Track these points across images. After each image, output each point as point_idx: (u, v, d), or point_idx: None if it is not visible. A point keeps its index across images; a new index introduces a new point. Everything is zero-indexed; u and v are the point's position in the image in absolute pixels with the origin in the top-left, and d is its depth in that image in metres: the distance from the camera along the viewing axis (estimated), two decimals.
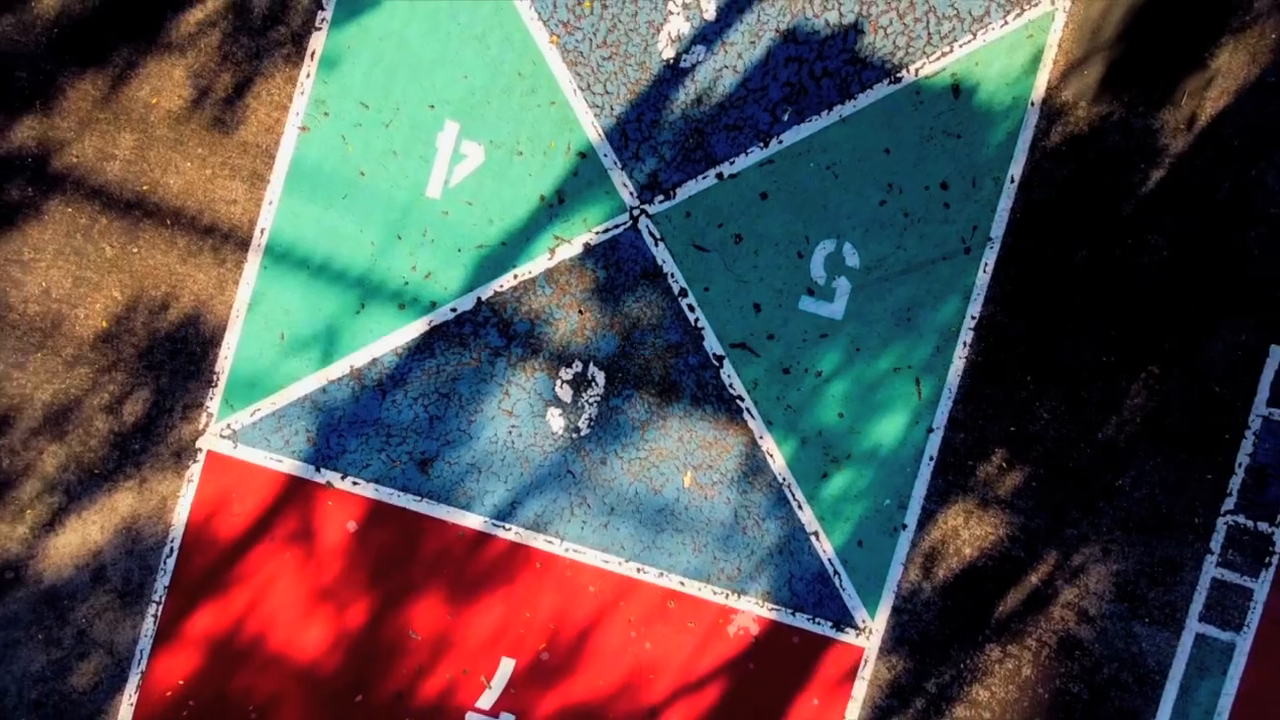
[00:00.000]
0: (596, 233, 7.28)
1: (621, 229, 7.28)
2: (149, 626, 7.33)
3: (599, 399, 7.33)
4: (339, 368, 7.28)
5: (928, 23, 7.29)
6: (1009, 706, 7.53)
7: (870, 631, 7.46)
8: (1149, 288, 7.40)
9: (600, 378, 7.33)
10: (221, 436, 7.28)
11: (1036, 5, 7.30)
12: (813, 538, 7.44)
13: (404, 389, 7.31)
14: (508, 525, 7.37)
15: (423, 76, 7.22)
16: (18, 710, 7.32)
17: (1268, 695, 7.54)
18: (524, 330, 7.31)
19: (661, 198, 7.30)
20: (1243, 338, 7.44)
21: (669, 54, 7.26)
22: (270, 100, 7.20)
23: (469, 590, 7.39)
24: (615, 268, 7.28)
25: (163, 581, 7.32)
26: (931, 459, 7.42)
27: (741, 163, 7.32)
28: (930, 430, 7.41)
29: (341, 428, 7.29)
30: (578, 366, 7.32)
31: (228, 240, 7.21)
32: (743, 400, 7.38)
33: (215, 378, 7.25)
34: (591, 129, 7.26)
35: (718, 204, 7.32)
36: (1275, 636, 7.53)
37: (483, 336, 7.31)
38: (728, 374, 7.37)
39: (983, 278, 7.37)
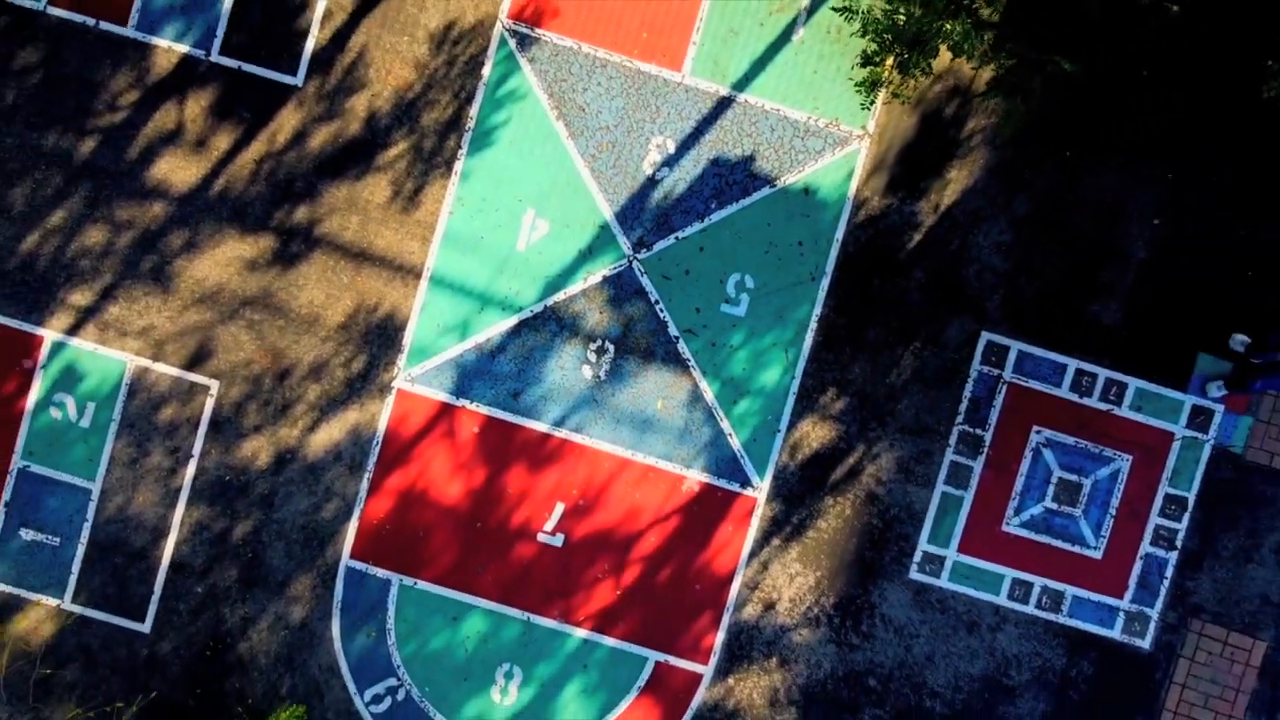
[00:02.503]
0: (609, 270, 13.48)
1: (623, 268, 13.48)
2: (364, 485, 13.53)
3: (611, 360, 13.51)
4: (470, 342, 13.47)
5: (790, 154, 13.48)
6: (837, 533, 13.69)
7: (761, 489, 13.64)
8: (914, 300, 13.57)
9: (611, 348, 13.51)
10: (406, 380, 13.48)
11: (849, 145, 13.49)
12: (729, 437, 13.61)
13: (504, 354, 13.50)
14: (561, 429, 13.56)
15: (514, 184, 13.41)
16: (292, 531, 13.52)
17: (984, 512, 13.69)
18: (570, 322, 13.50)
19: (645, 250, 13.49)
20: (965, 327, 13.61)
21: (649, 171, 13.46)
22: (433, 196, 13.40)
23: (539, 465, 13.58)
24: (619, 288, 13.48)
25: (373, 459, 13.52)
26: (794, 394, 13.59)
27: (689, 231, 13.50)
28: (793, 378, 13.58)
29: (470, 375, 13.49)
30: (599, 342, 13.50)
31: (409, 273, 13.42)
32: (690, 361, 13.56)
33: (403, 347, 13.46)
34: (606, 212, 13.44)
35: (676, 253, 13.51)
36: (984, 496, 13.68)
37: (547, 326, 13.50)
38: (682, 347, 13.54)
39: (822, 294, 13.55)
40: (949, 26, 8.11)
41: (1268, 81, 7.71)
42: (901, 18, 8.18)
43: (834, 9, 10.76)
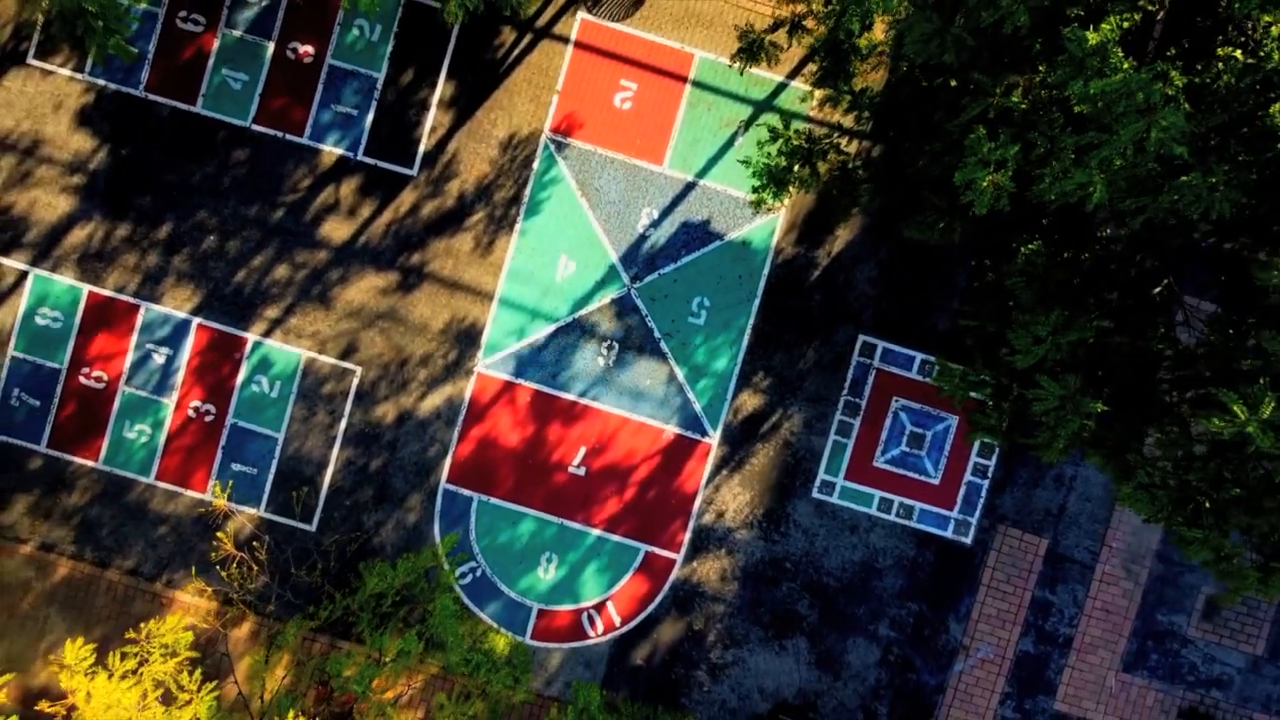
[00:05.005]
0: (615, 294, 21.02)
1: (624, 293, 21.02)
2: (455, 435, 21.06)
3: (616, 353, 21.04)
4: (525, 342, 21.01)
5: (733, 219, 21.04)
6: (764, 466, 21.19)
7: (714, 438, 21.16)
8: (815, 313, 21.08)
9: (616, 346, 21.03)
10: (483, 367, 21.03)
11: (772, 214, 21.00)
12: (693, 404, 21.13)
13: (547, 349, 21.04)
14: (584, 399, 21.10)
15: (554, 238, 20.95)
16: (408, 464, 21.04)
17: (861, 453, 21.19)
18: (590, 329, 21.04)
19: (639, 282, 21.03)
20: (848, 331, 21.13)
21: (641, 230, 20.99)
22: (501, 246, 20.95)
23: (569, 422, 21.11)
24: (621, 307, 21.03)
25: (461, 417, 21.05)
26: (736, 375, 21.11)
27: (668, 269, 21.03)
28: (736, 364, 21.11)
29: (525, 363, 21.03)
30: (608, 341, 21.03)
31: (486, 296, 20.96)
32: (668, 354, 21.08)
33: (481, 345, 21.00)
34: (613, 256, 20.97)
35: (659, 284, 21.05)
36: (861, 442, 21.19)
37: (575, 331, 21.03)
38: (663, 345, 21.06)
39: (754, 310, 21.07)
40: (797, 171, 15.54)
41: (909, 229, 15.14)
42: (775, 164, 15.60)
43: (739, 160, 18.35)
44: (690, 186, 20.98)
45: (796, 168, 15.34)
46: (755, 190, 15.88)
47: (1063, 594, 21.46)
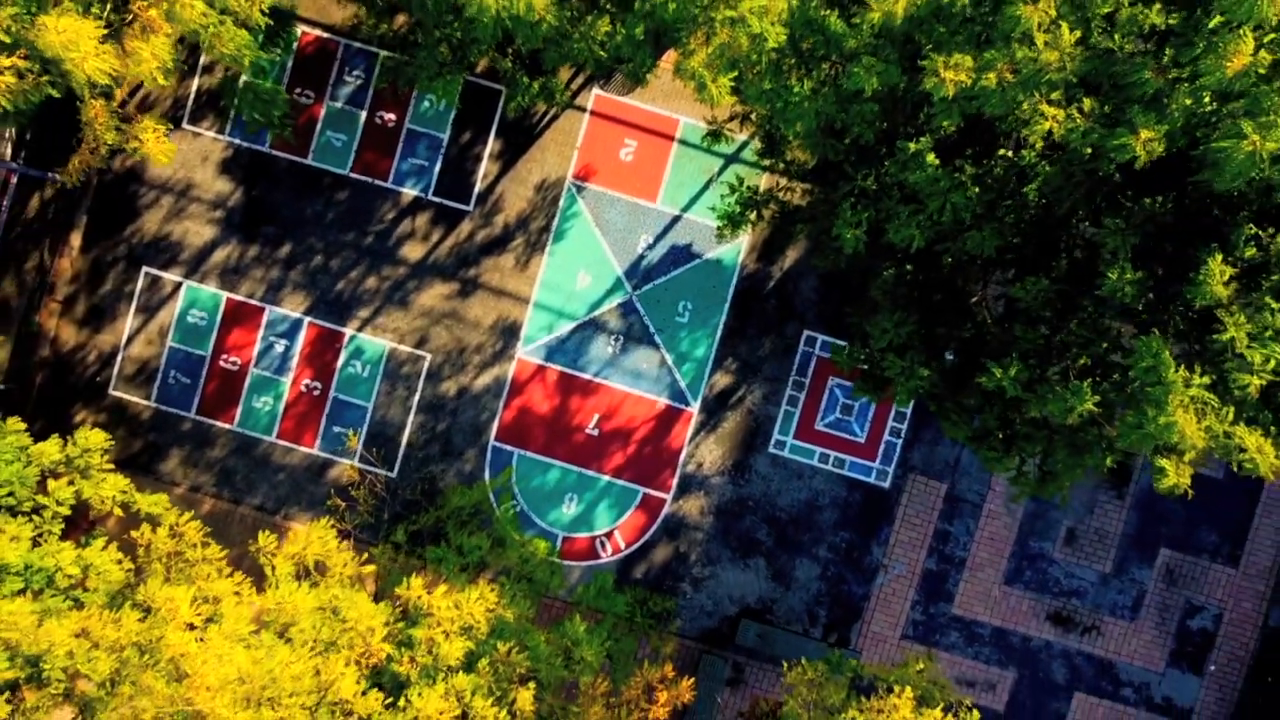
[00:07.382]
0: (620, 300, 28.51)
1: (627, 299, 28.49)
2: (501, 404, 28.53)
3: (621, 344, 28.49)
4: (552, 336, 28.51)
5: (710, 242, 28.47)
6: (733, 429, 28.65)
7: (695, 408, 28.60)
8: (770, 313, 28.52)
9: (621, 338, 28.49)
10: (522, 354, 28.50)
11: (739, 239, 28.46)
12: (679, 381, 28.58)
13: (570, 341, 28.52)
14: (597, 378, 28.55)
15: (575, 257, 28.43)
16: (466, 427, 28.52)
17: (805, 419, 28.66)
18: (601, 325, 28.50)
19: (639, 290, 28.49)
20: (796, 327, 28.59)
21: (640, 250, 28.45)
22: (535, 264, 28.42)
23: (587, 395, 28.57)
24: (625, 309, 28.50)
25: (505, 391, 28.52)
26: (712, 360, 28.56)
27: (661, 280, 28.50)
28: (712, 352, 28.55)
29: (553, 351, 28.52)
30: (615, 335, 28.49)
31: (524, 301, 28.44)
32: (660, 345, 28.54)
33: (520, 338, 28.47)
34: (619, 270, 28.43)
35: (654, 292, 28.51)
36: (806, 411, 28.65)
37: (590, 327, 28.50)
38: (657, 338, 28.52)
39: (726, 310, 28.52)
40: (750, 216, 22.94)
41: (814, 260, 22.56)
42: (732, 210, 23.00)
43: (710, 207, 25.79)
44: (677, 219, 28.41)
45: (749, 213, 22.70)
46: (719, 228, 23.24)
47: (958, 525, 28.85)
